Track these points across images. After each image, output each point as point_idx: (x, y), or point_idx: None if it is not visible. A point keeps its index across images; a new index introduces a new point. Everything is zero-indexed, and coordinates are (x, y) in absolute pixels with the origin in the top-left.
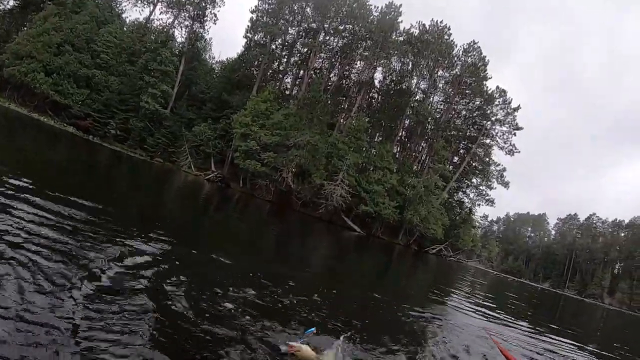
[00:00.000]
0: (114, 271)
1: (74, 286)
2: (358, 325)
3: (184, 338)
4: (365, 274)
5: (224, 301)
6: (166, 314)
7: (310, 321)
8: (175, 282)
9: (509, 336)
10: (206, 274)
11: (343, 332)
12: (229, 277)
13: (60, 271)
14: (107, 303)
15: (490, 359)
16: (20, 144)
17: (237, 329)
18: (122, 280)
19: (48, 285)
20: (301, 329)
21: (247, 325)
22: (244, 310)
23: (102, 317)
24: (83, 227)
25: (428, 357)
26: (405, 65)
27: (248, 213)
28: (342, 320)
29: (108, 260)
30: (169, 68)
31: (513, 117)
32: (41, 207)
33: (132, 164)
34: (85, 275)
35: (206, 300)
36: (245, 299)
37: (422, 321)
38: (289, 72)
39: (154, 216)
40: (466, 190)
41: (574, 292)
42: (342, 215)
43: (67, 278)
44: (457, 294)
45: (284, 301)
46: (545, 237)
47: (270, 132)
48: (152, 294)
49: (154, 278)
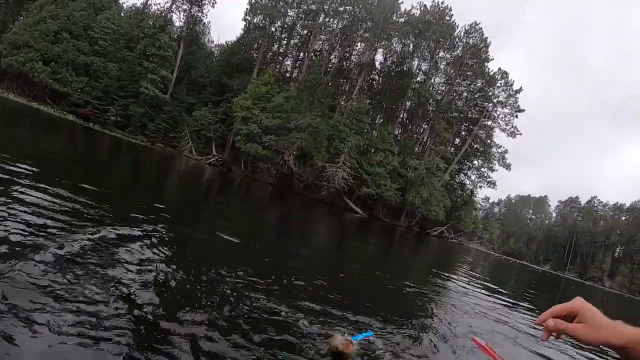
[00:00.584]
0: (112, 250)
1: (71, 262)
2: (367, 307)
3: (186, 318)
4: (369, 255)
5: (229, 284)
6: (167, 293)
7: (319, 304)
8: (176, 261)
9: (509, 319)
10: (208, 254)
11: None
12: (232, 258)
13: (58, 247)
14: (106, 280)
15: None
16: (19, 133)
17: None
18: (122, 261)
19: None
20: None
21: (272, 307)
22: (256, 293)
23: (103, 294)
24: (81, 209)
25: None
26: (406, 47)
27: (250, 196)
28: (348, 303)
29: (105, 240)
30: (168, 53)
31: (515, 99)
32: (41, 191)
33: (133, 150)
34: (83, 253)
35: (209, 281)
36: (252, 280)
37: (424, 302)
38: (289, 54)
39: (155, 200)
40: (467, 172)
41: (575, 274)
42: (344, 197)
43: (61, 255)
44: (458, 274)
45: (292, 283)
46: (547, 219)
47: (271, 115)
48: (155, 275)
49: (156, 258)
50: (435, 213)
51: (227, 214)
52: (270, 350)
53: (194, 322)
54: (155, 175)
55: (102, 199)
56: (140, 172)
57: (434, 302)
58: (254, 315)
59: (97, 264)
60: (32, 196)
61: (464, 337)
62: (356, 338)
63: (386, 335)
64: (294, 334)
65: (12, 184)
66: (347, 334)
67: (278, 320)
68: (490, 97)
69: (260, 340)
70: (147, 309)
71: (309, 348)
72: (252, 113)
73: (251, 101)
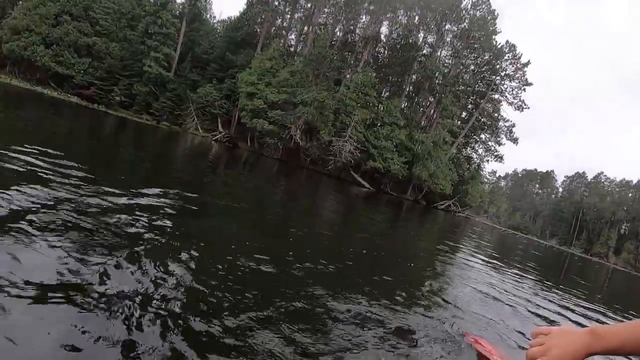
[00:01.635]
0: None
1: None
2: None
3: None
4: (378, 228)
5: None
6: (179, 267)
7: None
8: (186, 234)
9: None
10: (216, 230)
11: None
12: (243, 234)
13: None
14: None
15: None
16: (24, 116)
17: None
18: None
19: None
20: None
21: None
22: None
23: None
24: (86, 185)
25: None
26: (411, 19)
27: (257, 171)
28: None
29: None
30: (170, 30)
31: (523, 72)
32: (47, 170)
33: (138, 129)
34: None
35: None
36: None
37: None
38: (292, 28)
39: (162, 175)
40: (474, 146)
41: (581, 250)
42: (351, 171)
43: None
44: (466, 248)
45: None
46: (553, 194)
47: (276, 90)
48: (167, 247)
49: (167, 230)
50: (442, 187)
51: (235, 187)
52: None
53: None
54: (161, 152)
55: (104, 174)
56: (146, 149)
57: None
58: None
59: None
60: (40, 175)
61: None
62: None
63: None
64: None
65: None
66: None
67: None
68: (498, 70)
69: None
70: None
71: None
72: (257, 88)
73: (256, 76)
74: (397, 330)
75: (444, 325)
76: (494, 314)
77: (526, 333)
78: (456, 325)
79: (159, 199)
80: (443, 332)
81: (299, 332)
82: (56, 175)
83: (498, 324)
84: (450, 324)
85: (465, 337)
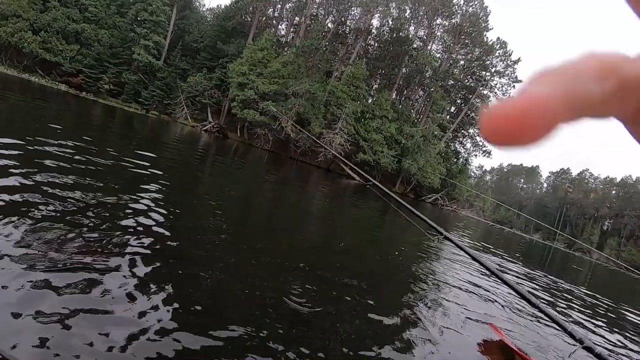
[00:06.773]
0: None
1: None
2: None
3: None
4: (366, 221)
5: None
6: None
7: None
8: (173, 226)
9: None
10: (202, 223)
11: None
12: (231, 228)
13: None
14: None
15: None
16: (7, 105)
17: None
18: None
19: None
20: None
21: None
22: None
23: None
24: (76, 178)
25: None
26: (403, 12)
27: (247, 162)
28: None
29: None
30: (161, 18)
31: (513, 69)
32: (33, 164)
33: (126, 118)
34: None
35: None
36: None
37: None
38: (284, 19)
39: (149, 167)
40: (462, 141)
41: (564, 245)
42: (343, 163)
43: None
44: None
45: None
46: (538, 189)
47: (268, 81)
48: (153, 241)
49: (151, 225)
50: (431, 180)
51: (223, 180)
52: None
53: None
54: (149, 142)
55: (90, 167)
56: (134, 139)
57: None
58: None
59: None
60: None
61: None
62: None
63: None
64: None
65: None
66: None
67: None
68: (488, 66)
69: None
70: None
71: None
72: (248, 79)
73: (247, 67)
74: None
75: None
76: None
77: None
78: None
79: (142, 194)
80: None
81: (298, 332)
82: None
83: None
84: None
85: (489, 327)
